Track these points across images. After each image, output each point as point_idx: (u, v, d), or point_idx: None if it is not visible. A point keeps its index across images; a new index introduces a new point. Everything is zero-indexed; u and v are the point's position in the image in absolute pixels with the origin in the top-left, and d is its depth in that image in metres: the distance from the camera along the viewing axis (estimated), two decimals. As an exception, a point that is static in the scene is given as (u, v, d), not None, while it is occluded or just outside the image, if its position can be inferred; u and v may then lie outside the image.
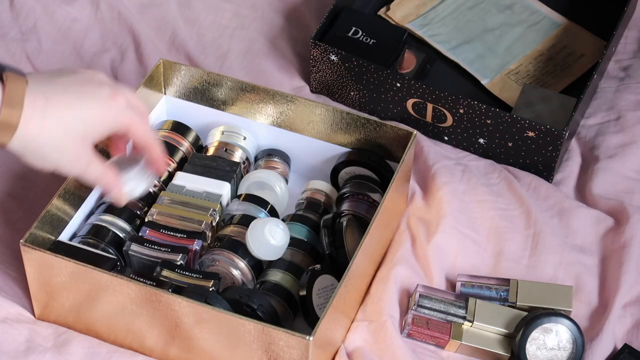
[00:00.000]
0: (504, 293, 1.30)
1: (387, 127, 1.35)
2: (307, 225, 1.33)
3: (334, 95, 1.54)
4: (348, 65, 1.49)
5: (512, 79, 1.57)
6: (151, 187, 1.33)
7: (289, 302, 1.26)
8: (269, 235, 1.27)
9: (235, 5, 1.68)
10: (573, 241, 1.40)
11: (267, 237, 1.27)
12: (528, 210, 1.40)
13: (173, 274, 1.23)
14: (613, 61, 1.62)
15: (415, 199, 1.41)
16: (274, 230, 1.27)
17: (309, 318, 1.25)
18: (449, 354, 1.29)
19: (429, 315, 1.27)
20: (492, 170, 1.47)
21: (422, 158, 1.45)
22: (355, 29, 1.55)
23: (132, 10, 1.64)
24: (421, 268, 1.34)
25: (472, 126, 1.46)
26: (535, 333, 1.24)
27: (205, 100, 1.43)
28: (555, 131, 1.40)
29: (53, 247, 1.25)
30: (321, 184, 1.39)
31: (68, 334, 1.27)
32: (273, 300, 1.25)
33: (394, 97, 1.49)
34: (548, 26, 1.65)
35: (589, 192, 1.45)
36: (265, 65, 1.59)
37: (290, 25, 1.66)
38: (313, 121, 1.38)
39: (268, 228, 1.27)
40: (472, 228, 1.39)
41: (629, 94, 1.57)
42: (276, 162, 1.41)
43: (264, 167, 1.41)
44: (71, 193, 1.29)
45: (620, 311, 1.31)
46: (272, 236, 1.27)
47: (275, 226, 1.28)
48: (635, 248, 1.36)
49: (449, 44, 1.62)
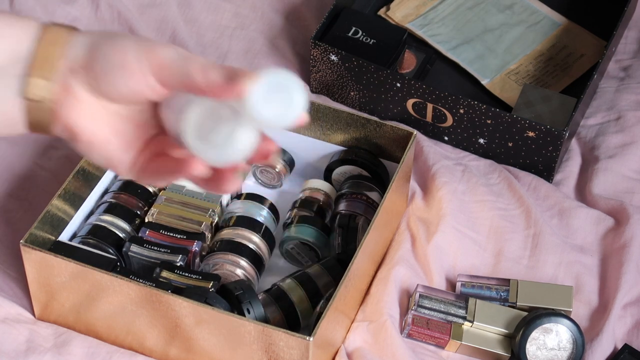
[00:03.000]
0: (504, 293, 1.30)
1: (387, 127, 1.35)
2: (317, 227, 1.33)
3: (334, 95, 1.54)
4: (348, 65, 1.49)
5: (512, 79, 1.57)
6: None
7: (287, 313, 1.26)
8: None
9: (235, 5, 1.68)
10: (573, 241, 1.40)
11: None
12: (528, 210, 1.40)
13: (172, 275, 1.23)
14: (613, 61, 1.62)
15: (415, 199, 1.41)
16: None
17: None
18: (449, 354, 1.29)
19: (429, 315, 1.27)
20: (492, 170, 1.47)
21: (422, 158, 1.45)
22: (355, 29, 1.55)
23: (132, 10, 1.64)
24: (421, 268, 1.34)
25: (472, 126, 1.46)
26: (535, 333, 1.24)
27: (205, 101, 1.43)
28: (555, 131, 1.40)
29: (53, 247, 1.25)
30: (320, 183, 1.39)
31: (68, 334, 1.27)
32: (272, 307, 1.25)
33: (394, 97, 1.49)
34: (548, 26, 1.65)
35: (589, 192, 1.45)
36: (265, 65, 1.59)
37: (290, 25, 1.66)
38: (313, 121, 1.38)
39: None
40: (472, 228, 1.39)
41: (629, 94, 1.57)
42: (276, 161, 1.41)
43: (261, 164, 1.41)
44: (71, 193, 1.29)
45: (620, 311, 1.31)
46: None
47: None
48: (635, 248, 1.36)
49: (449, 44, 1.62)
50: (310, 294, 1.26)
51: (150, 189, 1.35)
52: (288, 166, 1.43)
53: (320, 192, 1.38)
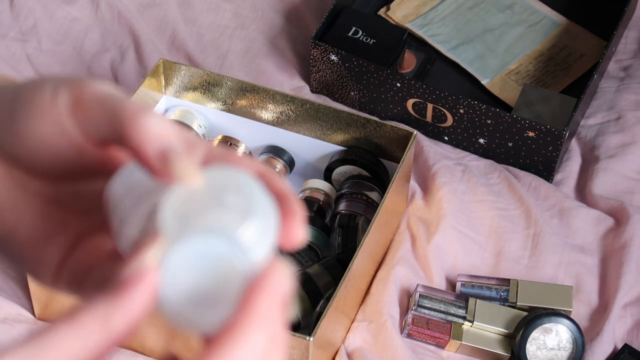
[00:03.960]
0: (504, 293, 1.30)
1: (387, 127, 1.35)
2: (317, 227, 1.33)
3: (334, 95, 1.54)
4: (348, 65, 1.49)
5: (512, 79, 1.57)
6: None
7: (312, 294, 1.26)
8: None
9: (235, 5, 1.68)
10: (573, 241, 1.40)
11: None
12: (528, 210, 1.40)
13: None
14: (613, 61, 1.62)
15: (415, 199, 1.41)
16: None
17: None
18: (449, 354, 1.29)
19: (429, 315, 1.27)
20: (492, 170, 1.47)
21: (422, 158, 1.45)
22: (355, 29, 1.55)
23: (132, 10, 1.64)
24: (421, 268, 1.34)
25: (472, 126, 1.46)
26: (535, 333, 1.24)
27: (205, 100, 1.43)
28: (555, 131, 1.40)
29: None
30: (321, 183, 1.39)
31: (68, 334, 1.26)
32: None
33: (394, 97, 1.49)
34: (548, 26, 1.65)
35: (589, 192, 1.45)
36: (265, 65, 1.59)
37: (290, 25, 1.66)
38: (313, 121, 1.38)
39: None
40: (472, 228, 1.39)
41: (629, 94, 1.57)
42: (276, 161, 1.41)
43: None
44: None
45: (620, 311, 1.31)
46: None
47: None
48: (635, 248, 1.36)
49: (449, 44, 1.62)
50: (310, 294, 1.26)
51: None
52: (288, 166, 1.43)
53: (320, 192, 1.38)
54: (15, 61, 1.57)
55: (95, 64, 1.59)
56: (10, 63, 1.56)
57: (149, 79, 1.39)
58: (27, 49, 1.59)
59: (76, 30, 1.62)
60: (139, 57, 1.59)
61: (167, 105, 1.45)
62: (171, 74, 1.41)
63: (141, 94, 1.38)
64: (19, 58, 1.58)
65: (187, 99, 1.43)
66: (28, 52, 1.58)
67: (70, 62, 1.59)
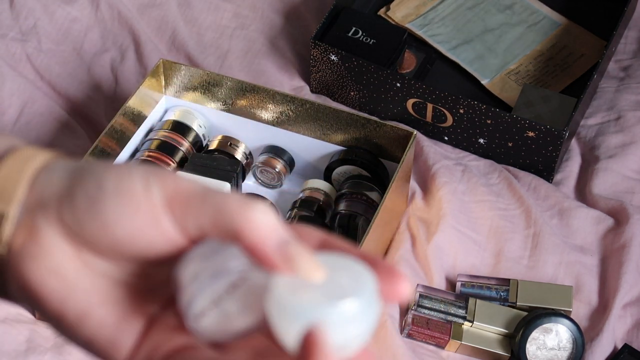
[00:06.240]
0: (504, 293, 1.30)
1: (387, 127, 1.35)
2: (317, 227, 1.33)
3: (334, 95, 1.54)
4: (348, 65, 1.49)
5: (512, 79, 1.57)
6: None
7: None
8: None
9: (235, 5, 1.68)
10: (573, 241, 1.40)
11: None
12: (528, 210, 1.40)
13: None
14: (613, 61, 1.62)
15: (415, 199, 1.41)
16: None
17: None
18: (449, 354, 1.29)
19: (429, 315, 1.27)
20: (492, 170, 1.47)
21: (422, 158, 1.45)
22: (355, 29, 1.55)
23: (132, 10, 1.64)
24: (421, 268, 1.34)
25: (472, 126, 1.46)
26: (535, 333, 1.24)
27: (205, 100, 1.43)
28: (555, 131, 1.40)
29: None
30: (321, 183, 1.39)
31: (68, 334, 1.26)
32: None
33: (394, 97, 1.49)
34: (548, 26, 1.65)
35: (589, 192, 1.45)
36: (265, 65, 1.59)
37: (290, 25, 1.66)
38: (313, 121, 1.38)
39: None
40: (472, 228, 1.39)
41: (629, 94, 1.57)
42: (276, 161, 1.41)
43: (261, 164, 1.41)
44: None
45: (620, 311, 1.31)
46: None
47: None
48: (635, 248, 1.36)
49: (448, 44, 1.62)
50: None
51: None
52: (288, 166, 1.43)
53: (320, 192, 1.39)
54: (15, 61, 1.57)
55: (95, 64, 1.59)
56: (10, 63, 1.56)
57: (149, 79, 1.39)
58: (27, 49, 1.59)
59: (76, 30, 1.62)
60: (139, 57, 1.59)
61: (167, 105, 1.45)
62: (171, 74, 1.42)
63: (141, 94, 1.38)
64: (19, 58, 1.58)
65: (187, 99, 1.43)
66: (28, 52, 1.58)
67: (70, 62, 1.59)
